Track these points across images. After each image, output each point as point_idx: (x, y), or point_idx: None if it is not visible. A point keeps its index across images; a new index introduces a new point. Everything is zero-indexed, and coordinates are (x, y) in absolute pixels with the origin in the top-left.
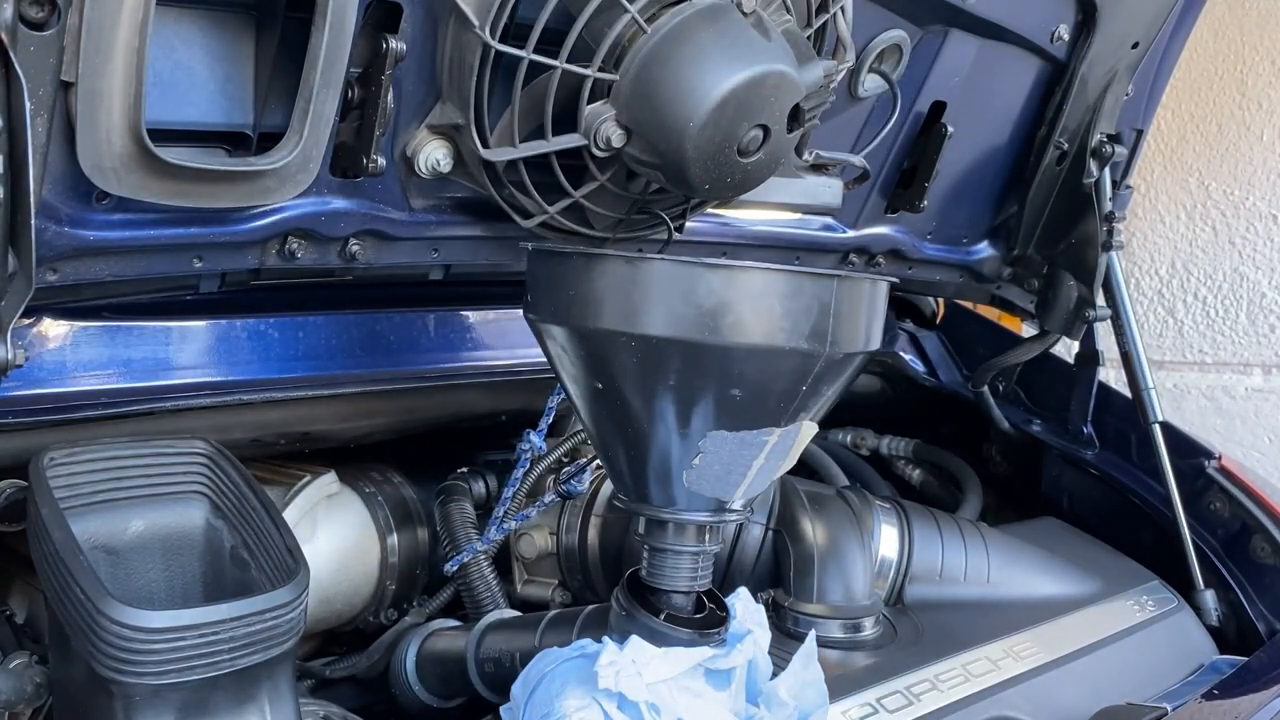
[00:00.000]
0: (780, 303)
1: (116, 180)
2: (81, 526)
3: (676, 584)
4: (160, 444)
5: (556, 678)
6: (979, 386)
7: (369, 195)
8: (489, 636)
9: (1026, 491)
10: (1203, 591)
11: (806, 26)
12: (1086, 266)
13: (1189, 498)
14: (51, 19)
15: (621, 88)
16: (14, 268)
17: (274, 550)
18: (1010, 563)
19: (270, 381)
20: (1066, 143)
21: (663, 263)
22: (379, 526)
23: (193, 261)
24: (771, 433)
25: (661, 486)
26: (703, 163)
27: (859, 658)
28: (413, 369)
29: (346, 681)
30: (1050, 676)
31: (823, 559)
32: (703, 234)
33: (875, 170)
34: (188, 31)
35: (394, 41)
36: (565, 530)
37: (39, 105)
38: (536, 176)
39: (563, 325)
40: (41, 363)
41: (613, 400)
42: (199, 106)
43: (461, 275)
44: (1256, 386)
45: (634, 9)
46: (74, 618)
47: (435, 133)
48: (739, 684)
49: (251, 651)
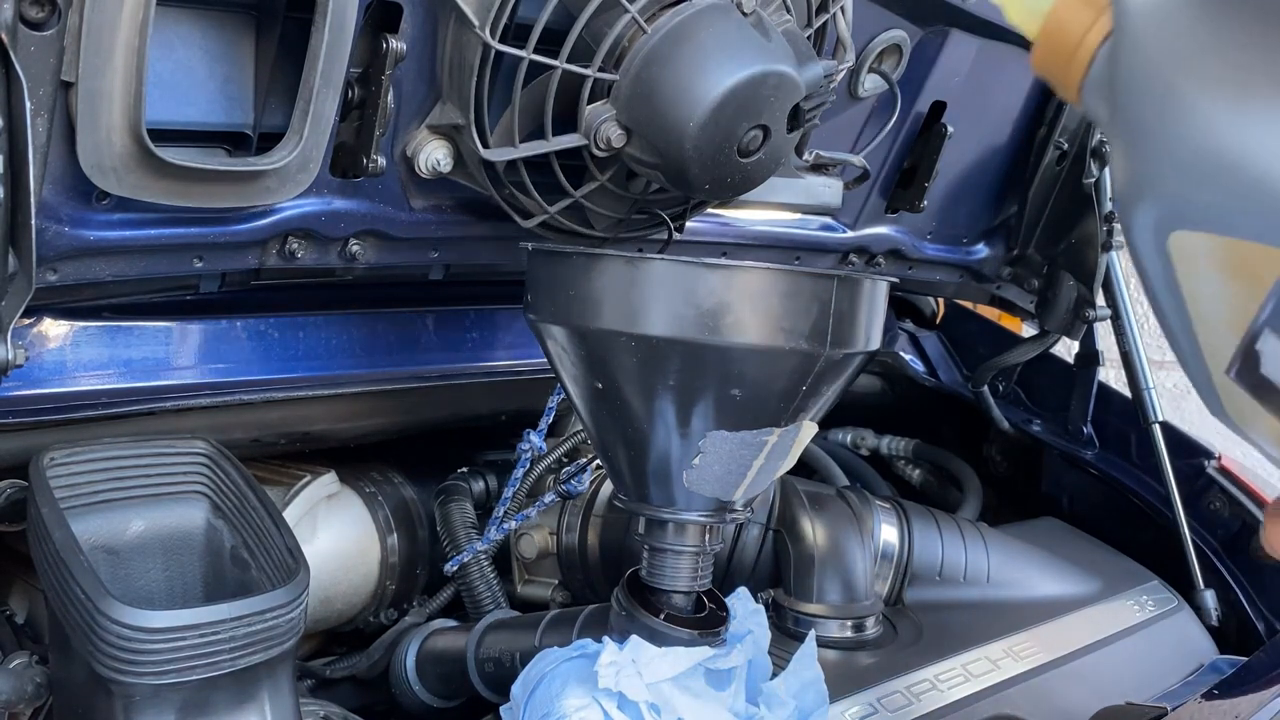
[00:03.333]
0: (780, 303)
1: (117, 180)
2: (81, 526)
3: (677, 584)
4: (160, 444)
5: (556, 678)
6: (979, 386)
7: (369, 195)
8: (489, 636)
9: (1026, 491)
10: (1203, 591)
11: (806, 26)
12: (1086, 266)
13: (1189, 498)
14: (51, 19)
15: (621, 88)
16: (14, 268)
17: (274, 550)
18: (1010, 563)
19: (270, 381)
20: (1066, 143)
21: (663, 263)
22: (379, 526)
23: (193, 261)
24: (771, 433)
25: (661, 486)
26: (703, 163)
27: (859, 658)
28: (413, 369)
29: (346, 681)
30: (1050, 676)
31: (823, 559)
32: (703, 234)
33: (875, 170)
34: (188, 31)
35: (394, 41)
36: (565, 530)
37: (39, 105)
38: (536, 176)
39: (563, 325)
40: (41, 363)
41: (613, 400)
42: (199, 106)
43: (461, 275)
44: None
45: (634, 9)
46: (74, 618)
47: (435, 133)
48: (739, 684)
49: (252, 651)
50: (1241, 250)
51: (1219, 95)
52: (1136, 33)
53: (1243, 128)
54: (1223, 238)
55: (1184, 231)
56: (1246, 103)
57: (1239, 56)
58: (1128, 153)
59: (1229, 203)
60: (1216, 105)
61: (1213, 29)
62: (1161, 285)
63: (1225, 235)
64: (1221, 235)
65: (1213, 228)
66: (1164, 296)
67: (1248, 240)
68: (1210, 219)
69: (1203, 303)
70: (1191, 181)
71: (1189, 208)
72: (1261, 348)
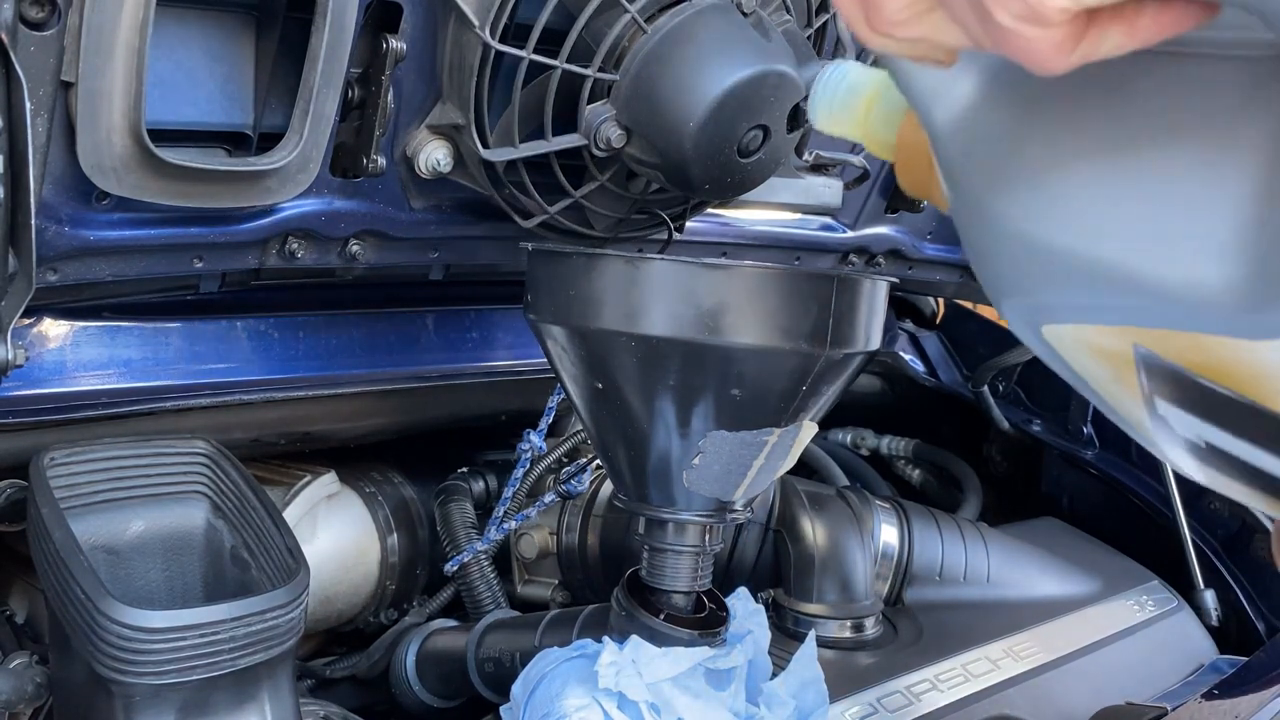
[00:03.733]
0: (780, 303)
1: (117, 180)
2: (81, 526)
3: (677, 584)
4: (160, 444)
5: (556, 678)
6: (979, 386)
7: (369, 195)
8: (489, 636)
9: (1026, 491)
10: (1203, 591)
11: (806, 26)
12: None
13: (1189, 498)
14: (51, 19)
15: (621, 88)
16: (14, 268)
17: (274, 550)
18: (1010, 563)
19: (270, 381)
20: None
21: (663, 263)
22: (379, 526)
23: (193, 261)
24: (771, 433)
25: (661, 486)
26: (703, 163)
27: (859, 658)
28: (413, 369)
29: (346, 681)
30: (1050, 676)
31: (823, 559)
32: (703, 234)
33: (875, 170)
34: (188, 31)
35: (394, 41)
36: (565, 530)
37: (39, 105)
38: (536, 176)
39: (563, 325)
40: (41, 363)
41: (613, 400)
42: (199, 106)
43: (461, 275)
44: None
45: (634, 9)
46: (74, 618)
47: (435, 133)
48: (739, 684)
49: (252, 651)
50: (1095, 334)
51: (1014, 196)
52: (944, 152)
53: (1040, 218)
54: (1079, 326)
55: (1050, 325)
56: (1037, 191)
57: (1024, 151)
58: (974, 261)
59: (1063, 296)
60: (1015, 206)
61: (1002, 130)
62: (1062, 369)
63: (1079, 324)
64: (1076, 324)
65: (1066, 319)
66: (1070, 379)
67: (1095, 325)
68: (1060, 311)
69: (1099, 381)
70: (1030, 281)
71: (1041, 304)
72: (1164, 414)
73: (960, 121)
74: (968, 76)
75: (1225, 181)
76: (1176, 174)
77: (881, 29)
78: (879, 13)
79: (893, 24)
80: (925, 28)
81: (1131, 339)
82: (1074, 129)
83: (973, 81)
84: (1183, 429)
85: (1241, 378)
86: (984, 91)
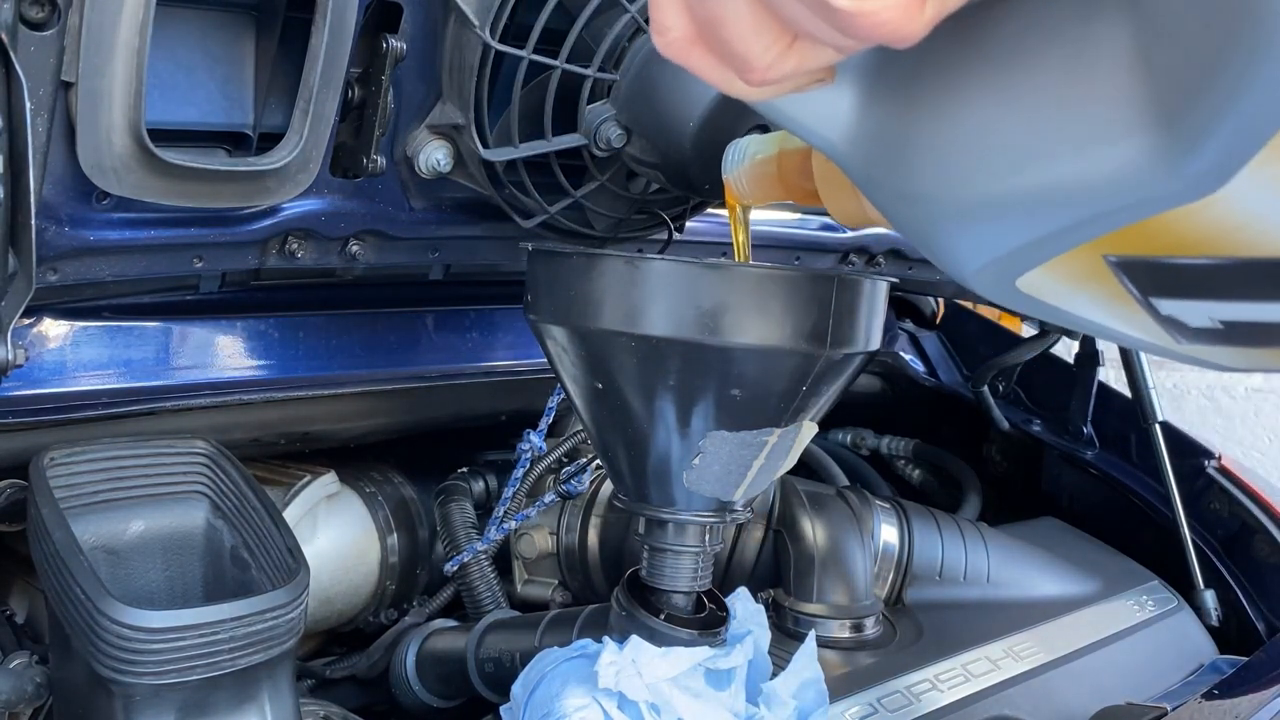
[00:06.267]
0: (780, 303)
1: (117, 180)
2: (81, 526)
3: (677, 584)
4: (160, 444)
5: (556, 678)
6: (979, 386)
7: (369, 195)
8: (489, 636)
9: (1026, 491)
10: (1203, 591)
11: None
12: None
13: (1189, 498)
14: (51, 19)
15: (621, 88)
16: (14, 268)
17: (274, 550)
18: (1010, 563)
19: (270, 381)
20: None
21: (663, 263)
22: (379, 526)
23: (193, 261)
24: (771, 433)
25: (661, 486)
26: (703, 163)
27: (859, 658)
28: (413, 369)
29: (346, 681)
30: (1050, 676)
31: (823, 559)
32: (703, 234)
33: None
34: (187, 31)
35: (394, 41)
36: (565, 530)
37: (39, 105)
38: (536, 177)
39: (563, 325)
40: (41, 363)
41: (613, 400)
42: (199, 106)
43: (461, 275)
44: (1256, 386)
45: (634, 9)
46: (74, 618)
47: (435, 133)
48: (739, 684)
49: (252, 651)
50: (1063, 266)
51: (927, 172)
52: (854, 167)
53: (958, 179)
54: (1044, 267)
55: (1020, 278)
56: (943, 155)
57: (918, 126)
58: (928, 253)
59: (1012, 241)
60: (932, 180)
61: (893, 120)
62: (1060, 318)
63: (1043, 264)
64: (1041, 266)
65: (1028, 264)
66: (1074, 324)
67: (1057, 258)
68: (1018, 260)
69: (1098, 312)
70: (978, 244)
71: (998, 262)
72: (1170, 313)
73: (855, 131)
74: (845, 88)
75: (1100, 44)
76: (1055, 68)
77: (757, 80)
78: (748, 66)
79: (766, 69)
80: (794, 59)
81: (1098, 254)
82: (952, 84)
83: (850, 91)
84: (1193, 319)
85: (1213, 241)
86: (864, 95)
